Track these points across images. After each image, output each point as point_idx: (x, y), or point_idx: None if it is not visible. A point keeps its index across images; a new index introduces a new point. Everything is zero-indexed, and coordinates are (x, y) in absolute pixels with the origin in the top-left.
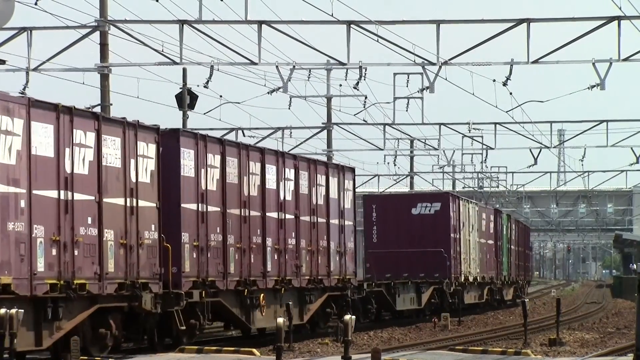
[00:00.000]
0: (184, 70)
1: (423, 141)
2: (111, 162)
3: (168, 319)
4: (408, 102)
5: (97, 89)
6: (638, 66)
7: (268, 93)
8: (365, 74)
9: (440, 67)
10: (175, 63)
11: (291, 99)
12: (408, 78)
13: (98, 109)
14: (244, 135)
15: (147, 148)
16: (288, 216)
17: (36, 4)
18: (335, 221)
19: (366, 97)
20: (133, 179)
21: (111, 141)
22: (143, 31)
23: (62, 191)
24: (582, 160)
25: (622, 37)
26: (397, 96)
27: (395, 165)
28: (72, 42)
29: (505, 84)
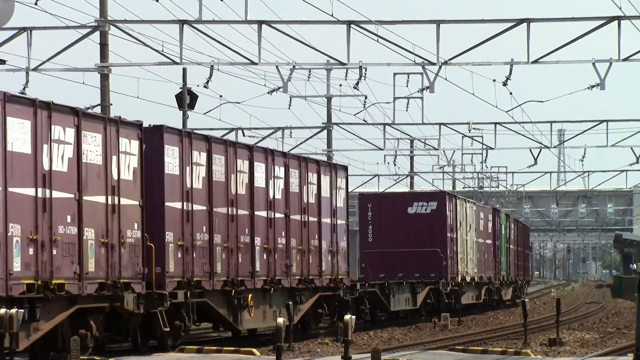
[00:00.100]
0: (184, 70)
1: (423, 141)
2: (92, 159)
3: (152, 320)
4: (408, 102)
5: (97, 89)
6: (638, 66)
7: (268, 93)
8: (365, 74)
9: (440, 67)
10: (175, 63)
11: (291, 99)
12: (408, 78)
13: (98, 109)
14: (244, 135)
15: (130, 144)
16: (278, 215)
17: (36, 4)
18: (327, 220)
19: (366, 97)
20: (115, 176)
21: (92, 137)
22: (143, 31)
23: (40, 189)
24: (582, 160)
25: (622, 37)
26: (397, 96)
27: (395, 165)
28: (72, 42)
29: (505, 84)
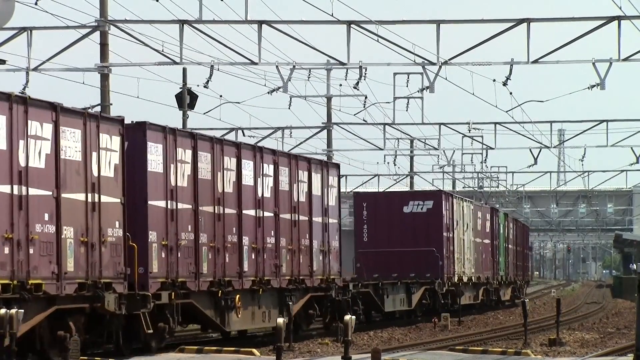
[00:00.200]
0: (184, 70)
1: (423, 141)
2: (70, 155)
3: (135, 322)
4: (408, 102)
5: (97, 89)
6: (638, 66)
7: (268, 93)
8: (365, 74)
9: (440, 67)
10: (175, 63)
11: (291, 99)
12: (408, 78)
13: (98, 109)
14: (244, 135)
15: (111, 141)
16: (267, 214)
17: (36, 4)
18: (318, 219)
19: (366, 97)
20: (95, 173)
21: (70, 133)
22: (143, 31)
23: (16, 186)
24: (582, 160)
25: (622, 37)
26: (397, 96)
27: (395, 165)
28: (72, 42)
29: (505, 84)
